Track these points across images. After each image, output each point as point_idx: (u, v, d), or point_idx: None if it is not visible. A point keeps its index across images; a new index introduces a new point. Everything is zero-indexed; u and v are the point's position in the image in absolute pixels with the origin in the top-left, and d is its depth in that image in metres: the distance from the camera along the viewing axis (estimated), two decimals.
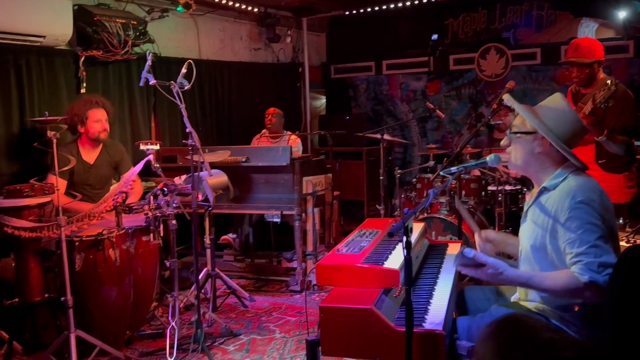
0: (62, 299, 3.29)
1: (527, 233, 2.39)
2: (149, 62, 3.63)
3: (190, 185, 3.73)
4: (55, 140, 3.23)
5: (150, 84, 3.61)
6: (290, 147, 4.96)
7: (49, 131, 3.25)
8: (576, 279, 2.08)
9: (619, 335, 2.01)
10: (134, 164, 4.10)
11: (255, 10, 6.72)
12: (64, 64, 4.75)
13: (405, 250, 1.99)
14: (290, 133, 6.09)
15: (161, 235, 3.79)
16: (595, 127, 3.68)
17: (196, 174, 3.77)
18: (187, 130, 3.66)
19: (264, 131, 6.10)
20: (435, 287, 2.55)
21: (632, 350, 1.93)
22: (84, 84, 4.84)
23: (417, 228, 3.05)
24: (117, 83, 5.23)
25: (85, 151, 4.28)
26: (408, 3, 6.96)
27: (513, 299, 2.52)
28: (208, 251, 4.50)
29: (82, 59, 4.78)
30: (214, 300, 4.48)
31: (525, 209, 2.47)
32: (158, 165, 3.72)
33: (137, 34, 4.94)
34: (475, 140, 6.03)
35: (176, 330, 3.56)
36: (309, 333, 3.72)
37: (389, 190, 6.21)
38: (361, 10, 7.23)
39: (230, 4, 6.26)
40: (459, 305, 2.69)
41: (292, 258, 5.26)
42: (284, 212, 4.94)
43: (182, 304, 4.16)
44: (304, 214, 4.96)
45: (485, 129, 6.02)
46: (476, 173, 5.13)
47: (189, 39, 6.12)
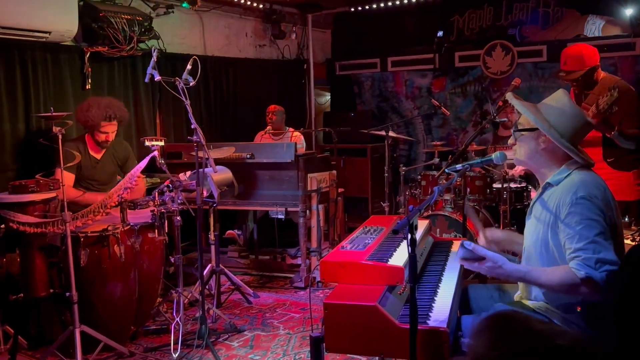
0: (67, 294, 3.31)
1: (531, 229, 2.40)
2: (154, 58, 3.63)
3: (195, 181, 3.73)
4: (60, 136, 3.24)
5: (155, 80, 3.61)
6: (295, 144, 4.96)
7: (54, 127, 3.25)
8: (573, 274, 2.08)
9: (623, 334, 2.01)
10: (139, 160, 4.11)
11: (261, 6, 6.71)
12: (69, 60, 4.75)
13: (409, 248, 1.99)
14: (293, 130, 6.08)
15: (166, 231, 3.81)
16: (604, 126, 3.67)
17: (201, 170, 3.77)
18: (192, 126, 3.66)
19: (268, 127, 6.10)
20: (440, 285, 2.54)
21: (637, 350, 1.93)
22: (90, 80, 4.85)
23: (422, 225, 3.05)
24: (123, 79, 5.24)
25: (92, 146, 4.30)
26: (414, 0, 6.93)
27: (516, 295, 2.52)
28: (212, 247, 4.51)
29: (88, 55, 4.79)
30: (218, 296, 4.49)
31: (530, 205, 2.47)
32: (163, 162, 3.72)
33: (143, 30, 4.94)
34: (481, 137, 6.00)
35: (180, 326, 3.57)
36: (313, 330, 3.72)
37: (394, 187, 6.20)
38: (366, 7, 7.21)
39: (236, 0, 6.25)
40: (463, 303, 2.69)
41: (297, 255, 5.26)
42: (289, 209, 4.94)
43: (187, 299, 4.17)
44: (308, 211, 4.96)
45: (491, 127, 5.99)
46: (482, 170, 5.11)
47: (194, 35, 6.12)
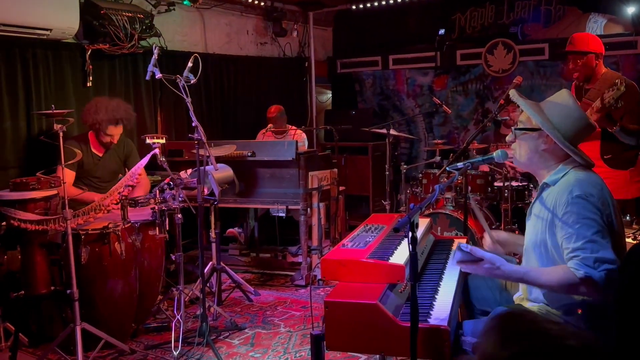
0: (68, 291, 3.31)
1: (530, 229, 2.40)
2: (155, 56, 3.62)
3: (196, 179, 3.73)
4: (61, 134, 3.24)
5: (156, 77, 3.61)
6: (296, 142, 4.96)
7: (55, 124, 3.25)
8: (572, 274, 2.07)
9: (624, 333, 2.00)
10: (141, 158, 4.11)
11: (262, 4, 6.71)
12: (70, 58, 4.76)
13: (410, 246, 1.99)
14: (295, 128, 6.07)
15: (167, 229, 3.81)
16: (607, 120, 3.66)
17: (202, 168, 3.77)
18: (193, 124, 3.66)
19: (269, 125, 6.09)
20: (441, 283, 2.54)
21: (638, 349, 1.93)
22: (91, 78, 4.85)
23: (423, 224, 3.05)
24: (124, 77, 5.24)
25: (95, 144, 4.30)
26: None
27: (516, 296, 2.51)
28: (213, 245, 4.51)
29: (89, 53, 4.79)
30: (219, 294, 4.50)
31: (530, 206, 2.47)
32: (164, 159, 3.72)
33: (144, 27, 4.94)
34: (482, 135, 5.99)
35: (181, 324, 3.57)
36: (313, 327, 3.72)
37: (395, 185, 6.20)
38: (368, 5, 7.19)
39: None
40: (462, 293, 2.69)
41: (297, 253, 5.26)
42: (290, 207, 4.94)
43: (188, 297, 4.17)
44: (309, 209, 4.96)
45: (492, 125, 5.98)
46: (483, 169, 5.11)
47: (195, 33, 6.11)
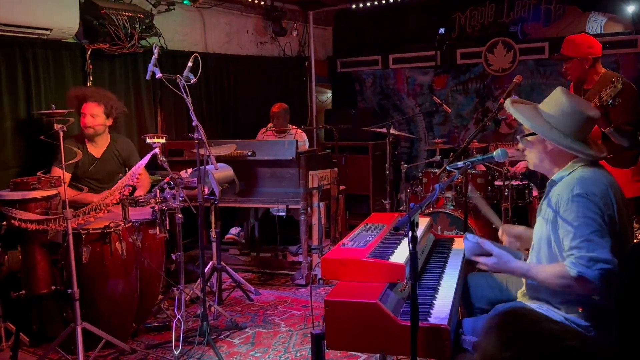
0: (69, 291, 3.31)
1: (537, 226, 2.42)
2: (156, 56, 3.62)
3: (196, 178, 3.73)
4: (62, 133, 3.24)
5: (156, 77, 3.61)
6: (297, 141, 4.96)
7: (55, 124, 3.25)
8: (567, 272, 2.11)
9: (625, 332, 2.00)
10: (141, 157, 4.11)
11: (262, 3, 6.70)
12: (70, 57, 4.76)
13: (410, 245, 1.99)
14: (296, 128, 6.07)
15: (167, 228, 3.81)
16: (603, 119, 3.66)
17: (202, 167, 3.77)
18: (193, 123, 3.66)
19: (270, 125, 6.09)
20: (441, 282, 2.54)
21: (638, 347, 1.93)
22: (91, 77, 4.85)
23: (423, 223, 3.05)
24: (124, 76, 5.24)
25: (92, 145, 4.29)
26: None
27: (519, 292, 2.52)
28: (214, 245, 4.51)
29: (89, 52, 4.79)
30: (219, 293, 4.50)
31: (540, 203, 2.49)
32: (164, 159, 3.72)
33: (144, 27, 4.94)
34: (482, 134, 5.99)
35: (182, 323, 3.57)
36: (314, 327, 3.71)
37: (395, 184, 6.19)
38: (367, 4, 7.19)
39: None
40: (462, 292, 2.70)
41: (298, 252, 5.26)
42: (290, 206, 4.94)
43: (188, 297, 4.18)
44: (309, 208, 4.96)
45: (492, 124, 5.98)
46: (483, 168, 5.11)
47: (195, 33, 6.11)
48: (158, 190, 3.72)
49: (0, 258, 3.71)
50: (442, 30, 7.23)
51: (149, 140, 3.70)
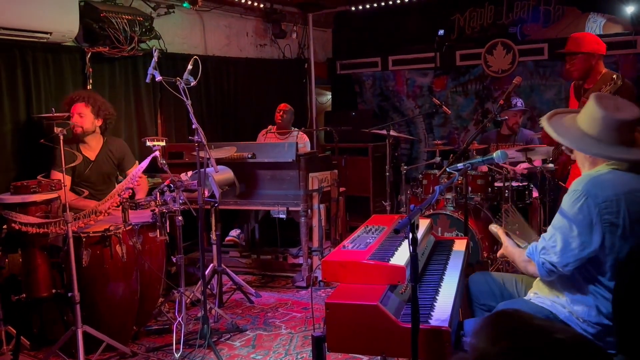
0: (69, 294, 3.31)
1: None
2: (155, 59, 3.63)
3: (196, 181, 3.73)
4: (62, 137, 3.24)
5: (156, 80, 3.61)
6: (297, 143, 4.95)
7: (55, 127, 3.26)
8: (525, 252, 2.37)
9: (625, 332, 2.01)
10: (140, 160, 4.11)
11: (261, 6, 6.71)
12: (70, 60, 4.76)
13: (411, 247, 1.99)
14: (298, 130, 6.06)
15: (167, 231, 3.81)
16: None
17: (202, 170, 3.77)
18: (193, 126, 3.66)
19: (270, 127, 6.09)
20: (442, 284, 2.54)
21: (638, 347, 1.93)
22: (91, 80, 4.85)
23: (423, 224, 3.05)
24: (124, 79, 5.24)
25: (86, 147, 4.29)
26: None
27: (529, 291, 2.52)
28: (214, 247, 4.51)
29: (89, 55, 4.80)
30: (220, 296, 4.50)
31: None
32: (164, 162, 3.72)
33: (144, 30, 4.95)
34: (482, 136, 6.00)
35: (182, 326, 3.57)
36: (314, 329, 3.72)
37: (395, 186, 6.20)
38: (367, 6, 7.20)
39: (236, 0, 6.25)
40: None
41: (298, 254, 5.26)
42: (290, 208, 4.94)
43: (189, 299, 4.17)
44: (309, 210, 4.96)
45: (492, 125, 5.99)
46: (483, 169, 5.11)
47: (194, 35, 6.12)
48: (158, 193, 3.72)
49: (0, 261, 3.71)
50: (442, 32, 7.25)
51: (149, 143, 3.70)
